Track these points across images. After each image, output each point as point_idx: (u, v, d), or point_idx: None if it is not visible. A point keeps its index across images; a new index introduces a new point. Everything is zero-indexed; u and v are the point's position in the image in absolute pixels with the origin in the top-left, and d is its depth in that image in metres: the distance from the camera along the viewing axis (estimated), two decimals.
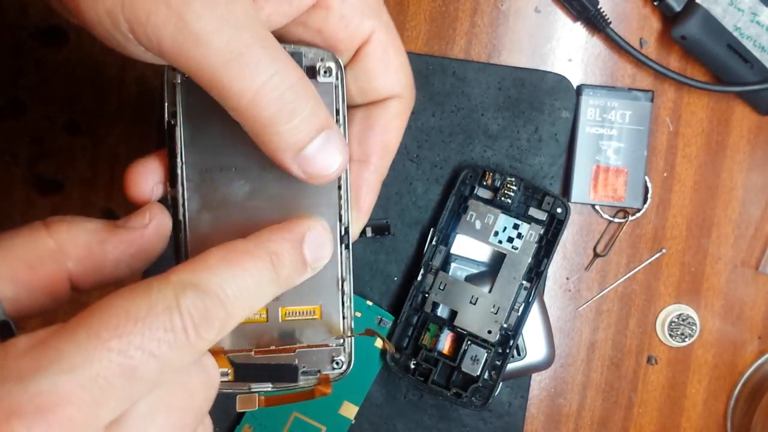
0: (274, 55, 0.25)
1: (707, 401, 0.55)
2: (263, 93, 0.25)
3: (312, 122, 0.27)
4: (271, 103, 0.26)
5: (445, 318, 0.50)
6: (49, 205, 0.54)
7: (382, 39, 0.30)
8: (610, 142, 0.52)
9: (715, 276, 0.55)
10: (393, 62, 0.31)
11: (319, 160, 0.28)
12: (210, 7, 0.24)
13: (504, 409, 0.53)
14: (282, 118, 0.26)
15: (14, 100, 0.53)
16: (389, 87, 0.31)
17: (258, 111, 0.26)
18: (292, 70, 0.26)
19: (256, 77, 0.25)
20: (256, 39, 0.25)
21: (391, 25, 0.31)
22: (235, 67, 0.25)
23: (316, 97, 0.27)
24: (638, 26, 0.52)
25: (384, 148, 0.32)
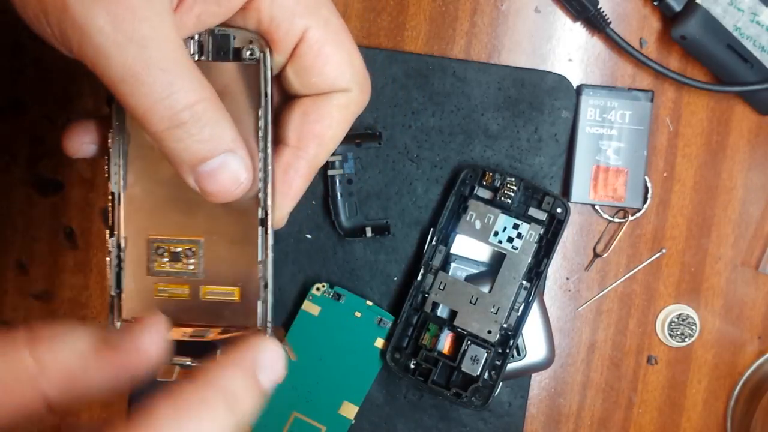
0: (174, 76, 0.26)
1: (707, 401, 0.55)
2: (155, 111, 0.26)
3: (210, 144, 0.27)
4: (163, 121, 0.26)
5: (445, 318, 0.50)
6: (49, 205, 0.54)
7: (318, 36, 0.30)
8: (610, 142, 0.52)
9: (715, 276, 0.55)
10: (332, 58, 0.31)
11: (215, 181, 0.28)
12: (114, 23, 0.25)
13: (504, 409, 0.53)
14: (173, 135, 0.27)
15: (14, 100, 0.53)
16: (329, 83, 0.31)
17: (149, 126, 0.27)
18: (191, 91, 0.27)
19: (150, 96, 0.26)
20: (159, 57, 0.26)
21: (331, 20, 0.30)
22: (131, 83, 0.26)
23: (219, 117, 0.28)
24: (638, 26, 0.52)
25: (318, 137, 0.32)
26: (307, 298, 0.52)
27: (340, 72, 0.31)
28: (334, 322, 0.51)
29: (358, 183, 0.52)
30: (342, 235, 0.51)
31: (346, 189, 0.52)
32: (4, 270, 0.54)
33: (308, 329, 0.51)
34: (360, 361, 0.52)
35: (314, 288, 0.51)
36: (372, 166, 0.52)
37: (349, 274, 0.53)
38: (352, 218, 0.52)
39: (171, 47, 0.26)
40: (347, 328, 0.51)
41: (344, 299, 0.51)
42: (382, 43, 0.52)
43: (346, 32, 0.31)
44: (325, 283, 0.52)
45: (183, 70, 0.26)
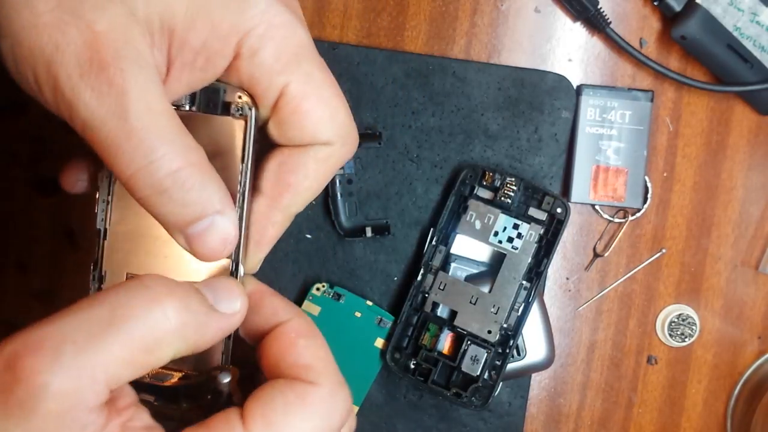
0: (155, 144, 0.27)
1: (707, 401, 0.55)
2: (137, 178, 0.27)
3: (196, 207, 0.28)
4: (145, 187, 0.27)
5: (445, 318, 0.50)
6: (49, 205, 0.54)
7: (297, 92, 0.30)
8: (610, 142, 0.52)
9: (715, 276, 0.55)
10: (312, 114, 0.30)
11: (203, 243, 0.29)
12: (98, 99, 0.26)
13: (504, 409, 0.53)
14: (157, 200, 0.28)
15: (14, 100, 0.53)
16: (308, 136, 0.31)
17: (134, 192, 0.28)
18: (173, 158, 0.27)
19: (131, 164, 0.27)
20: (140, 129, 0.27)
21: (313, 74, 0.30)
22: (113, 153, 0.27)
23: (205, 181, 0.28)
24: (638, 26, 0.52)
25: (293, 188, 0.32)
26: (307, 298, 0.52)
27: (319, 127, 0.31)
28: (334, 322, 0.51)
29: (358, 183, 0.52)
30: (342, 235, 0.51)
31: (346, 189, 0.52)
32: (4, 270, 0.54)
33: None
34: (360, 361, 0.52)
35: (314, 288, 0.51)
36: (372, 166, 0.52)
37: (349, 274, 0.53)
38: (352, 218, 0.52)
39: (152, 117, 0.27)
40: (347, 328, 0.51)
41: (344, 299, 0.51)
42: (382, 43, 0.52)
43: (330, 86, 0.31)
44: (325, 283, 0.52)
45: (165, 138, 0.27)
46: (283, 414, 0.28)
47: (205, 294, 0.28)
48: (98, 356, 0.24)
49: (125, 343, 0.25)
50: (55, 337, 0.24)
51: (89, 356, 0.24)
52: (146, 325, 0.25)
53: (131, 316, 0.25)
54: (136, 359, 0.25)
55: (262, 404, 0.28)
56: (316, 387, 0.29)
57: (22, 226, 0.54)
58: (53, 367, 0.24)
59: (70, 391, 0.24)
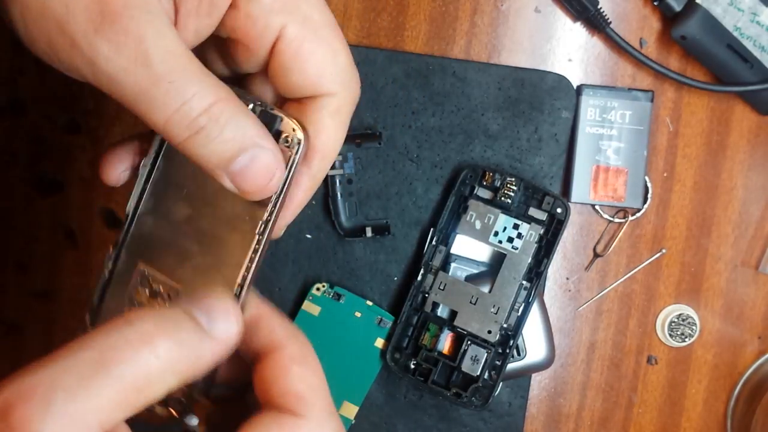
0: (183, 85, 0.27)
1: (707, 401, 0.55)
2: (173, 122, 0.27)
3: (234, 142, 0.28)
4: (182, 130, 0.27)
5: (445, 318, 0.50)
6: (49, 205, 0.54)
7: (296, 33, 0.30)
8: (610, 142, 0.52)
9: (715, 276, 0.55)
10: (312, 56, 0.30)
11: (248, 178, 0.29)
12: (118, 50, 0.26)
13: (504, 409, 0.53)
14: (196, 142, 0.28)
15: (14, 100, 0.53)
16: (311, 81, 0.30)
17: (172, 137, 0.28)
18: (204, 96, 0.27)
19: (165, 109, 0.27)
20: (164, 72, 0.27)
21: (312, 15, 0.30)
22: (144, 102, 0.27)
23: (239, 115, 0.28)
24: (638, 26, 0.52)
25: (319, 151, 0.31)
26: (307, 298, 0.52)
27: (321, 69, 0.30)
28: (334, 322, 0.51)
29: (358, 183, 0.52)
30: (342, 235, 0.51)
31: (346, 189, 0.52)
32: (4, 270, 0.54)
33: (308, 329, 0.51)
34: (360, 361, 0.52)
35: (314, 288, 0.51)
36: (372, 166, 0.52)
37: (349, 274, 0.53)
38: (352, 218, 0.52)
39: (175, 59, 0.27)
40: (347, 328, 0.51)
41: (344, 299, 0.51)
42: (382, 43, 0.52)
43: (329, 27, 0.30)
44: (325, 283, 0.52)
45: (192, 78, 0.27)
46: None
47: (198, 318, 0.27)
48: (89, 402, 0.24)
49: (116, 386, 0.24)
50: (46, 384, 0.24)
51: (80, 402, 0.24)
52: (136, 366, 0.25)
53: (120, 359, 0.24)
54: (129, 400, 0.25)
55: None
56: (304, 420, 0.28)
57: (22, 226, 0.54)
58: (45, 417, 0.23)
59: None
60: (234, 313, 0.28)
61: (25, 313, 0.55)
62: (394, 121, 0.52)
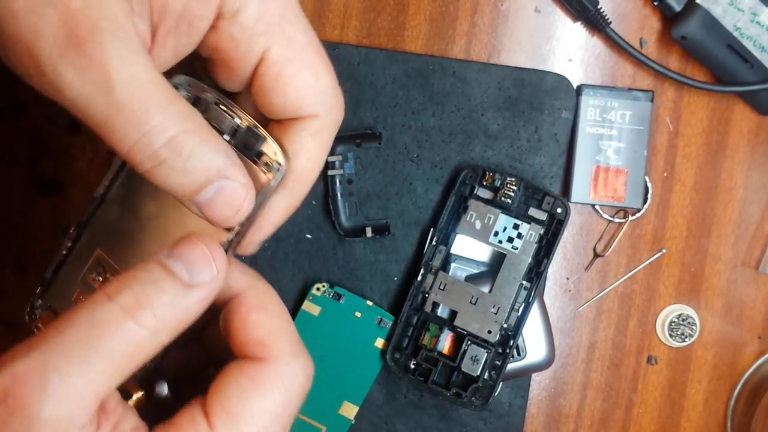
0: (146, 115, 0.26)
1: (707, 401, 0.55)
2: (134, 152, 0.26)
3: (199, 174, 0.27)
4: (144, 160, 0.27)
5: (445, 318, 0.50)
6: (49, 205, 0.54)
7: (279, 56, 0.29)
8: (610, 142, 0.52)
9: (715, 276, 0.55)
10: (294, 79, 0.30)
11: (213, 210, 0.28)
12: (81, 76, 0.26)
13: (504, 409, 0.53)
14: (159, 172, 0.27)
15: (14, 100, 0.53)
16: (293, 104, 0.30)
17: (135, 166, 0.27)
18: (167, 126, 0.26)
19: (126, 139, 0.26)
20: (127, 101, 0.26)
21: (296, 37, 0.29)
22: (107, 129, 0.26)
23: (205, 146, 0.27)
24: (638, 26, 0.52)
25: (297, 173, 0.31)
26: (307, 298, 0.52)
27: (303, 92, 0.30)
28: (334, 322, 0.51)
29: (358, 183, 0.52)
30: (342, 235, 0.51)
31: (346, 189, 0.52)
32: (4, 270, 0.54)
33: (308, 329, 0.51)
34: (360, 361, 0.52)
35: (314, 288, 0.51)
36: (372, 166, 0.52)
37: (349, 274, 0.53)
38: (352, 218, 0.52)
39: (140, 87, 0.26)
40: (347, 328, 0.51)
41: (344, 299, 0.51)
42: (382, 43, 0.52)
43: (313, 48, 0.30)
44: (325, 283, 0.52)
45: (156, 107, 0.26)
46: (239, 401, 0.28)
47: (177, 272, 0.27)
48: (82, 378, 0.25)
49: (106, 359, 0.25)
50: (39, 367, 0.25)
51: (74, 380, 0.25)
52: (123, 338, 0.25)
53: (106, 334, 0.25)
54: (121, 369, 0.26)
55: (220, 396, 0.28)
56: (267, 364, 0.29)
57: (22, 226, 0.54)
58: (42, 398, 0.24)
59: (62, 417, 0.25)
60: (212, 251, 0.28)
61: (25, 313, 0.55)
62: (394, 121, 0.52)
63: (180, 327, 0.27)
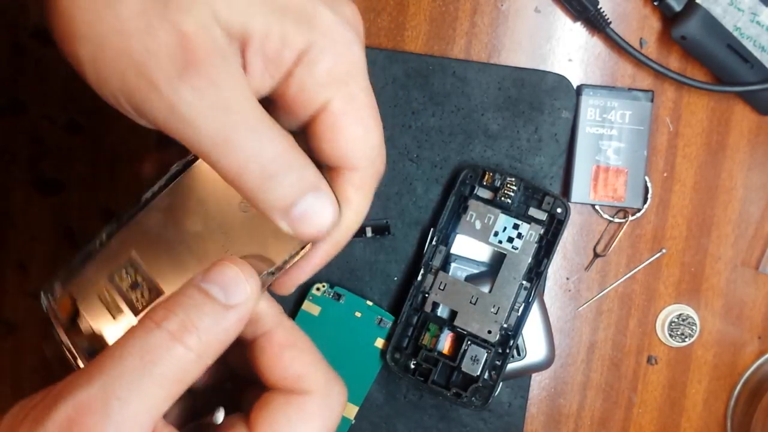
0: (257, 133, 0.28)
1: (707, 401, 0.55)
2: (246, 168, 0.28)
3: (295, 187, 0.29)
4: (253, 175, 0.28)
5: (445, 318, 0.50)
6: (49, 205, 0.54)
7: (339, 109, 0.31)
8: (610, 142, 0.52)
9: (715, 276, 0.55)
10: (347, 131, 0.31)
11: (307, 221, 0.30)
12: (199, 94, 0.27)
13: (504, 409, 0.53)
14: (265, 186, 0.29)
15: (14, 100, 0.53)
16: (340, 153, 0.32)
17: (243, 183, 0.29)
18: (274, 143, 0.29)
19: (239, 155, 0.28)
20: (242, 119, 0.28)
21: (358, 95, 0.31)
22: (221, 147, 0.28)
23: (301, 162, 0.30)
24: (638, 26, 0.52)
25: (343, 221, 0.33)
26: (307, 298, 0.52)
27: (353, 145, 0.32)
28: (334, 322, 0.51)
29: None
30: None
31: None
32: (4, 270, 0.54)
33: (308, 329, 0.51)
34: (360, 361, 0.52)
35: (314, 288, 0.51)
36: None
37: (349, 274, 0.53)
38: None
39: (251, 107, 0.28)
40: (347, 328, 0.51)
41: (344, 299, 0.51)
42: (382, 43, 0.52)
43: (370, 109, 0.32)
44: (325, 283, 0.52)
45: (266, 126, 0.29)
46: (287, 425, 0.30)
47: (214, 295, 0.29)
48: (141, 404, 0.27)
49: (160, 384, 0.27)
50: (101, 396, 0.26)
51: (134, 406, 0.26)
52: (173, 362, 0.27)
53: (158, 360, 0.27)
54: (173, 392, 0.27)
55: (266, 420, 0.30)
56: (311, 396, 0.31)
57: (22, 226, 0.54)
58: (107, 425, 0.26)
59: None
60: (245, 275, 0.29)
61: (25, 313, 0.55)
62: (394, 121, 0.52)
63: (222, 348, 0.29)
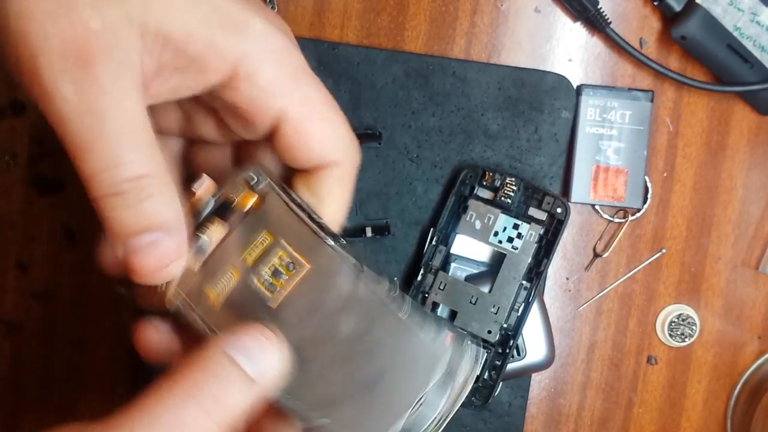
0: (125, 149, 0.27)
1: (707, 401, 0.55)
2: (99, 178, 0.27)
3: (146, 218, 0.28)
4: (103, 187, 0.27)
5: (445, 318, 0.50)
6: (49, 205, 0.54)
7: (297, 115, 0.30)
8: (610, 142, 0.52)
9: (715, 276, 0.55)
10: (315, 135, 0.31)
11: (140, 259, 0.28)
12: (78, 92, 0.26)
13: (504, 409, 0.53)
14: (111, 203, 0.28)
15: (14, 99, 0.53)
16: (316, 157, 0.32)
17: (90, 190, 0.28)
18: (141, 166, 0.27)
19: (97, 163, 0.27)
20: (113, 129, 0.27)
21: (311, 95, 0.31)
22: (82, 149, 0.27)
23: (165, 196, 0.28)
24: (638, 26, 0.52)
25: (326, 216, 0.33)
26: None
27: (325, 146, 0.32)
28: None
29: (358, 183, 0.52)
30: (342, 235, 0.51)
31: None
32: (4, 270, 0.54)
33: None
34: None
35: None
36: (372, 166, 0.52)
37: None
38: (352, 218, 0.52)
39: (129, 122, 0.27)
40: None
41: None
42: (382, 43, 0.52)
43: (326, 102, 0.31)
44: None
45: (136, 145, 0.27)
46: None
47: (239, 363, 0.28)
48: None
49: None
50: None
51: None
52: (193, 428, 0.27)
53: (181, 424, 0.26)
54: None
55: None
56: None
57: (22, 226, 0.54)
58: None
59: None
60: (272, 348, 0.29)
61: (25, 313, 0.55)
62: (394, 121, 0.52)
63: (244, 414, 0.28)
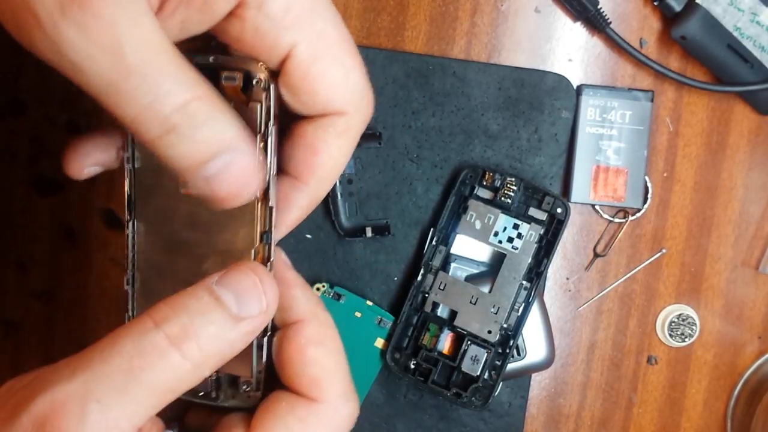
0: (157, 79, 0.24)
1: (707, 401, 0.55)
2: (142, 119, 0.25)
3: (209, 144, 0.25)
4: (152, 127, 0.25)
5: (445, 318, 0.50)
6: (49, 205, 0.54)
7: (307, 53, 0.27)
8: (610, 142, 0.52)
9: (715, 276, 0.55)
10: (324, 77, 0.28)
11: (220, 184, 0.26)
12: (86, 35, 0.23)
13: (504, 409, 0.53)
14: (167, 142, 0.25)
15: (14, 100, 0.53)
16: (321, 103, 0.29)
17: (141, 135, 0.25)
18: (180, 92, 0.25)
19: (134, 104, 0.24)
20: (136, 63, 0.24)
21: (326, 31, 0.28)
22: (112, 95, 0.24)
23: (218, 115, 0.26)
24: (638, 26, 0.52)
25: (318, 168, 0.30)
26: None
27: (332, 90, 0.28)
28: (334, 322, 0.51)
29: (358, 183, 0.52)
30: (342, 235, 0.51)
31: (346, 189, 0.52)
32: (4, 270, 0.54)
33: None
34: (360, 361, 0.52)
35: (314, 288, 0.51)
36: (372, 166, 0.52)
37: (349, 274, 0.53)
38: (352, 218, 0.52)
39: (150, 50, 0.24)
40: (347, 328, 0.51)
41: (344, 299, 0.51)
42: (382, 43, 0.52)
43: (344, 43, 0.28)
44: (325, 283, 0.52)
45: (167, 71, 0.25)
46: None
47: (225, 302, 0.26)
48: (123, 409, 0.24)
49: (148, 391, 0.25)
50: (80, 395, 0.24)
51: (114, 412, 0.24)
52: (166, 370, 0.25)
53: (149, 365, 0.24)
54: (160, 401, 0.25)
55: (266, 426, 0.28)
56: (318, 406, 0.28)
57: (22, 226, 0.54)
58: (81, 428, 0.24)
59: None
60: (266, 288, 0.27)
61: (25, 313, 0.55)
62: (394, 121, 0.52)
63: (223, 360, 0.26)
